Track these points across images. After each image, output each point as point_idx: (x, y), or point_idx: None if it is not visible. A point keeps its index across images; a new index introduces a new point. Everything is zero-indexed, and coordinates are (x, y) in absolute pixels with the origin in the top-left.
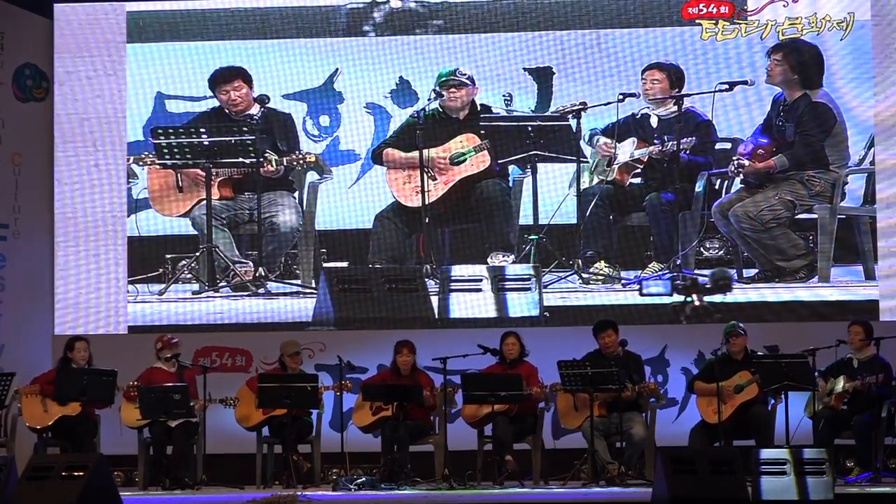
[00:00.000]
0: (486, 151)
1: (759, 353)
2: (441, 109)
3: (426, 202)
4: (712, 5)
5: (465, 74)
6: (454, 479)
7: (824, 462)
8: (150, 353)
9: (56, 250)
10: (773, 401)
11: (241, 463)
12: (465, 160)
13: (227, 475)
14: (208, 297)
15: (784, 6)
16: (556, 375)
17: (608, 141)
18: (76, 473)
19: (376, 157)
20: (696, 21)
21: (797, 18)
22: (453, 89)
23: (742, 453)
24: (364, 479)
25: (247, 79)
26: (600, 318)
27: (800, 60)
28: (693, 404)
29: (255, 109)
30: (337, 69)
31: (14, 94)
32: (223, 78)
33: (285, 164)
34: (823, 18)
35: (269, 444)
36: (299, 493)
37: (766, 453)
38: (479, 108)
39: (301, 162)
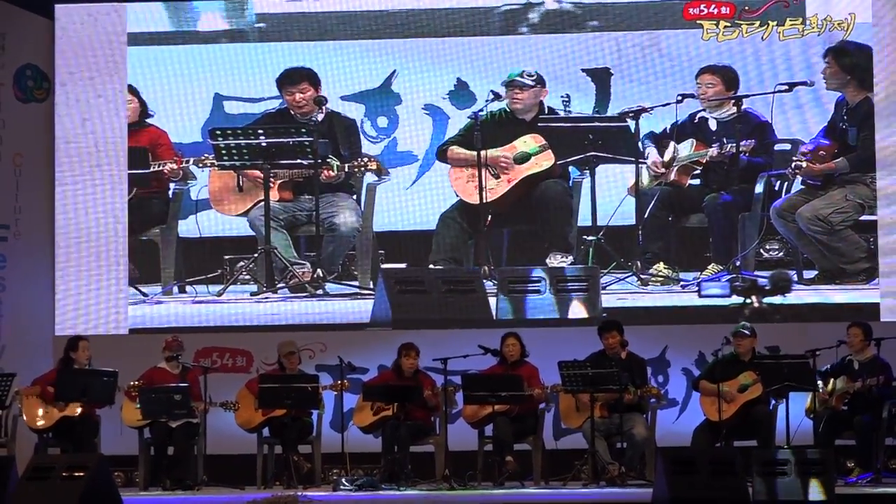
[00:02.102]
0: (550, 151)
1: (765, 354)
2: (508, 110)
3: (485, 199)
4: (713, 6)
5: (532, 76)
6: (455, 479)
7: (824, 462)
8: (151, 353)
9: (57, 251)
10: (774, 401)
11: (242, 463)
12: (529, 159)
13: (228, 476)
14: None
15: (785, 7)
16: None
17: (657, 159)
18: (77, 474)
19: (441, 154)
20: (697, 22)
21: (798, 19)
22: (516, 90)
23: (742, 454)
24: (364, 479)
25: (314, 81)
26: (660, 318)
27: (851, 62)
28: (694, 405)
29: (319, 113)
30: (394, 70)
31: (15, 95)
32: (290, 79)
33: (346, 170)
34: (825, 19)
35: (269, 445)
36: (300, 494)
37: (766, 454)
38: (546, 110)
39: (363, 168)
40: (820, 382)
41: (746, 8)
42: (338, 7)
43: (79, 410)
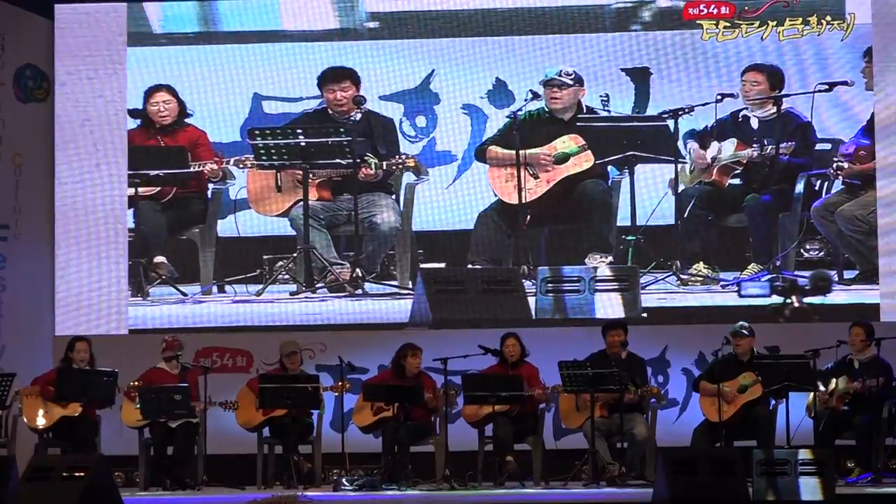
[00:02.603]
0: (589, 151)
1: (765, 354)
2: (547, 110)
3: (525, 199)
4: (713, 6)
5: (570, 75)
6: (455, 479)
7: (824, 462)
8: (151, 353)
9: (57, 251)
10: (773, 401)
11: (242, 463)
12: (568, 159)
13: (228, 476)
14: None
15: (785, 6)
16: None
17: (700, 151)
18: (77, 474)
19: (480, 154)
20: (697, 22)
21: (797, 19)
22: (555, 89)
23: (742, 454)
24: (365, 479)
25: (355, 80)
26: (700, 318)
27: None
28: (694, 405)
29: (357, 112)
30: (433, 70)
31: (15, 95)
32: (333, 77)
33: (384, 168)
34: (824, 19)
35: (269, 445)
36: (300, 494)
37: (766, 454)
38: (585, 109)
39: (400, 166)
40: (821, 386)
41: (746, 8)
42: (378, 7)
43: (79, 410)
